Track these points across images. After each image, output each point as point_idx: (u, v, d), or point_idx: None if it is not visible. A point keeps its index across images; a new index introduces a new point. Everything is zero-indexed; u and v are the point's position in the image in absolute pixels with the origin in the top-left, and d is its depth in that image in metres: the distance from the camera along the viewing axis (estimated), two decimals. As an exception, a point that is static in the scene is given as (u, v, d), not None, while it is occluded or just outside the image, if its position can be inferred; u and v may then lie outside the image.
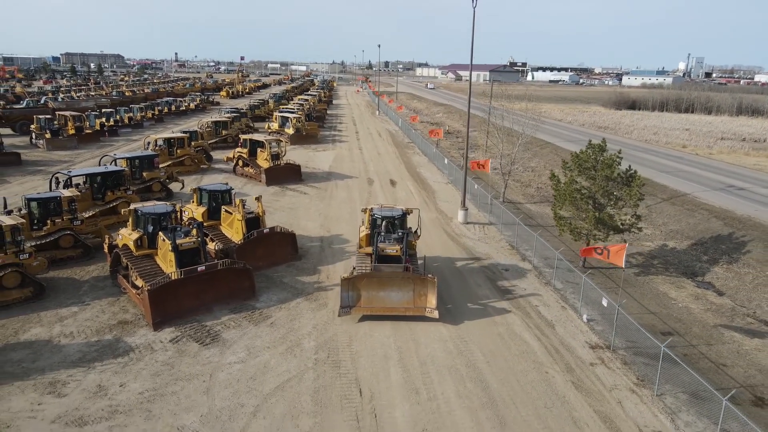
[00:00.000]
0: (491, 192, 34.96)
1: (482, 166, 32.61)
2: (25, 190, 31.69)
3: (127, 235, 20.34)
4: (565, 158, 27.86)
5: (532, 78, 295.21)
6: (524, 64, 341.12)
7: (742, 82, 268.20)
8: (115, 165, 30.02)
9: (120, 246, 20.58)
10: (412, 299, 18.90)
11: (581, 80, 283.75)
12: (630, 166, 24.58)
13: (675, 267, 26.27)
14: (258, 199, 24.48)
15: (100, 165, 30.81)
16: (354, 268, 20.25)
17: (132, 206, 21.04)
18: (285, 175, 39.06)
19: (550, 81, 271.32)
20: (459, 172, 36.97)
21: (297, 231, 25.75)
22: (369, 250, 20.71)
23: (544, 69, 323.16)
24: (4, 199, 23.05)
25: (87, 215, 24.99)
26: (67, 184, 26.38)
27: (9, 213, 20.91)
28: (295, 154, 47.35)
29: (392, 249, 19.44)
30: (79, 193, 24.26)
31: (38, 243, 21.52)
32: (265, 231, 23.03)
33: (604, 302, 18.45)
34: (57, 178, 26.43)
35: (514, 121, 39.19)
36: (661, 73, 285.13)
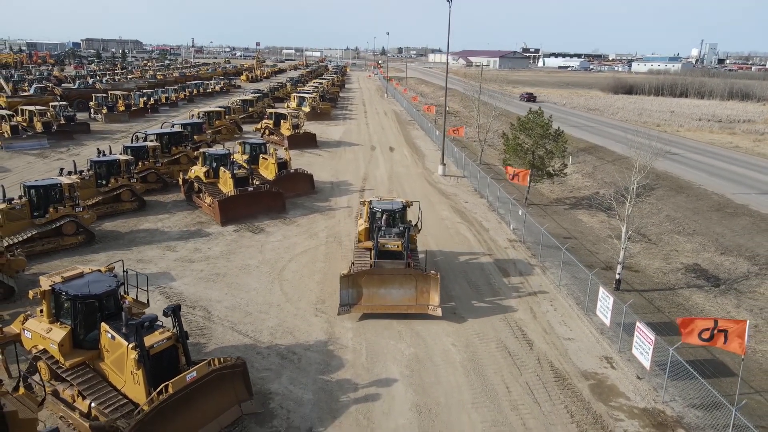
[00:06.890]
0: (471, 157, 43.67)
1: (457, 131, 41.33)
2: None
3: (198, 170, 29.58)
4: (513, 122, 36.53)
5: (543, 64, 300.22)
6: (537, 51, 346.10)
7: (753, 68, 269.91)
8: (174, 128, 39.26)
9: (192, 177, 29.81)
10: (414, 297, 18.24)
11: (591, 66, 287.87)
12: (559, 127, 33.18)
13: (597, 206, 34.81)
14: (287, 149, 33.58)
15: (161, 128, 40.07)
16: (353, 264, 19.73)
17: (200, 150, 30.27)
18: (303, 141, 48.11)
19: (559, 67, 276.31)
20: (448, 143, 45.67)
21: (313, 178, 34.82)
22: (368, 244, 20.28)
23: (556, 55, 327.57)
24: (110, 146, 32.36)
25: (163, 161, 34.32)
26: (145, 140, 35.61)
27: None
28: (310, 128, 56.25)
29: (393, 244, 18.69)
30: (159, 144, 33.57)
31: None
32: (291, 171, 32.16)
33: (520, 212, 27.32)
34: (137, 136, 35.64)
35: (491, 97, 47.78)
36: (674, 59, 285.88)
